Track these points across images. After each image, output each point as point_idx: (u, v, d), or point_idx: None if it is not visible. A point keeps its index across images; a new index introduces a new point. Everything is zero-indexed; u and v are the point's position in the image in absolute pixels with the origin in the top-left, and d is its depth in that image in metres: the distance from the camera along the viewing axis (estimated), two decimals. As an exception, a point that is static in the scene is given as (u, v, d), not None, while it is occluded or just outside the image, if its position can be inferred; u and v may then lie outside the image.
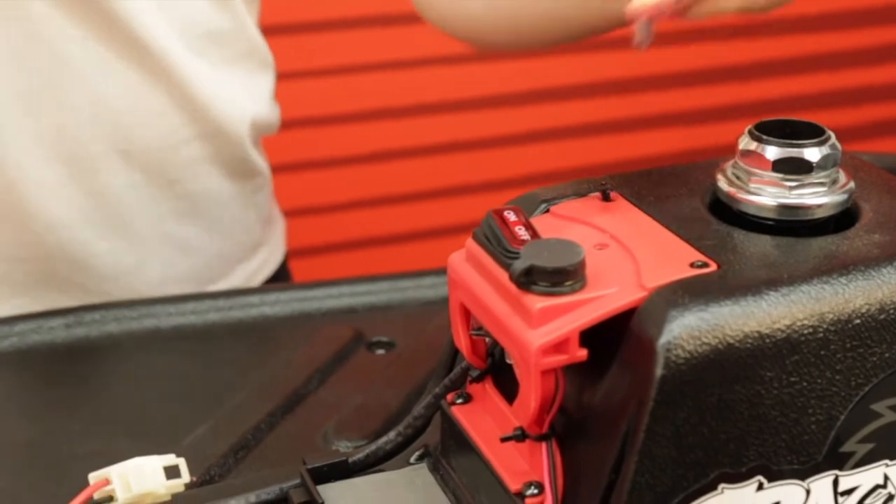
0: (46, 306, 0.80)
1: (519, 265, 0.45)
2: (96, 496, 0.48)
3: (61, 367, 0.74)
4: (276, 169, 0.97)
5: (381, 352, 0.76)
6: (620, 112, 1.79)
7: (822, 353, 0.45)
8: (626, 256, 0.48)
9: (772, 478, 0.46)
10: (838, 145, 0.50)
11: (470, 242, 0.50)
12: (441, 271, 0.83)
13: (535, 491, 0.48)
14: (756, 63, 1.82)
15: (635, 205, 0.52)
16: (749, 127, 0.51)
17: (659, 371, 0.43)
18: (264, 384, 0.72)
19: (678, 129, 1.80)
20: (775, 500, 0.46)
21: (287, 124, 0.94)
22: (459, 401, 0.54)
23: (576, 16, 0.77)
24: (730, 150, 0.53)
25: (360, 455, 0.57)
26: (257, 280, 0.93)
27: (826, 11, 1.83)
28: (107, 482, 0.48)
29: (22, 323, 0.77)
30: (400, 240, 1.75)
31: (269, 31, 0.90)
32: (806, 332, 0.45)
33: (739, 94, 1.81)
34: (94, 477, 0.49)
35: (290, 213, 1.04)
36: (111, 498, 0.48)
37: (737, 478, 0.45)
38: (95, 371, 0.75)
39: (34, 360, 0.75)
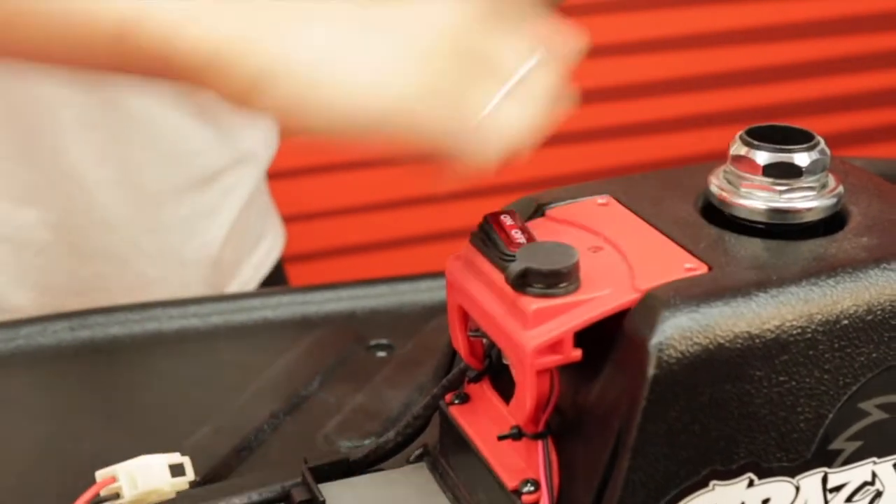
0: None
1: (514, 268, 0.46)
2: (103, 493, 0.49)
3: (66, 369, 0.75)
4: (275, 175, 0.99)
5: (381, 354, 0.77)
6: (615, 119, 1.80)
7: (811, 352, 0.46)
8: (620, 259, 0.49)
9: (762, 475, 0.47)
10: (827, 150, 0.51)
11: (467, 246, 0.51)
12: (438, 275, 0.84)
13: (532, 488, 0.49)
14: (748, 70, 1.83)
15: (629, 209, 0.53)
16: (740, 132, 0.52)
17: (651, 371, 0.45)
18: (266, 386, 0.73)
19: (671, 134, 1.82)
20: (765, 496, 0.47)
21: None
22: (457, 401, 0.55)
23: None
24: (722, 156, 0.54)
25: (360, 454, 0.58)
26: (262, 272, 0.99)
27: (817, 18, 1.84)
28: (113, 480, 0.49)
29: (27, 326, 0.78)
30: (396, 244, 1.76)
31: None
32: (795, 332, 0.46)
33: (731, 101, 1.83)
34: (100, 475, 0.50)
35: (288, 219, 1.05)
36: (118, 495, 0.49)
37: (728, 475, 0.46)
38: (99, 373, 0.76)
39: (39, 362, 0.76)
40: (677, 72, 1.80)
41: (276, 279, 1.00)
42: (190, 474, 0.51)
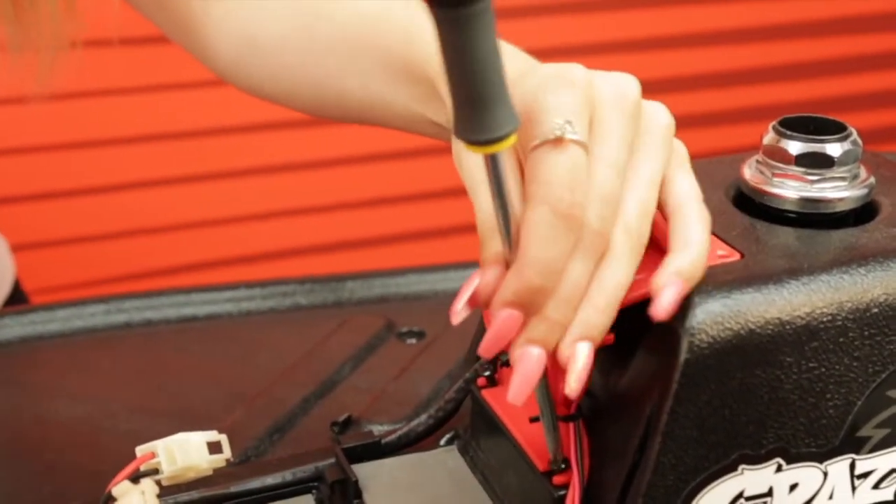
0: None
1: (550, 252, 0.47)
2: (143, 468, 0.50)
3: (102, 351, 0.77)
4: (305, 165, 0.99)
5: (411, 341, 0.78)
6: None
7: (841, 340, 0.47)
8: (653, 245, 0.50)
9: (790, 460, 0.47)
10: (859, 141, 0.52)
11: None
12: (467, 264, 0.85)
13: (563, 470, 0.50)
14: (782, 65, 1.83)
15: (662, 197, 0.54)
16: (773, 123, 0.53)
17: (683, 355, 0.45)
18: (298, 370, 0.74)
19: (701, 130, 1.82)
20: (793, 481, 0.48)
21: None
22: (490, 384, 0.56)
23: (384, 121, 0.68)
24: (753, 151, 0.54)
25: (392, 437, 0.59)
26: None
27: (851, 14, 1.84)
28: (152, 455, 0.50)
29: (64, 309, 0.79)
30: (425, 235, 1.77)
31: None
32: (825, 319, 0.46)
33: (765, 96, 1.83)
34: (140, 450, 0.50)
35: (318, 210, 1.06)
36: (157, 470, 0.50)
37: (756, 459, 0.47)
38: (134, 355, 0.77)
39: (76, 344, 0.77)
40: (708, 67, 1.80)
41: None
42: (227, 452, 0.52)
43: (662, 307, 0.45)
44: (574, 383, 0.44)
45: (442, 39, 0.38)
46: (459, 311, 0.46)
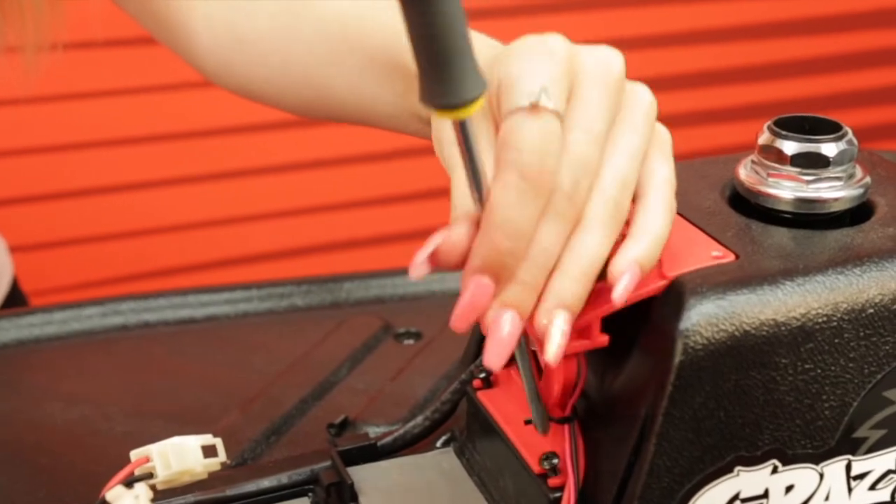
0: None
1: (543, 254, 0.47)
2: (137, 472, 0.50)
3: (98, 354, 0.77)
4: (301, 166, 0.99)
5: (408, 342, 0.78)
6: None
7: (836, 341, 0.47)
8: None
9: (786, 461, 0.47)
10: (855, 141, 0.52)
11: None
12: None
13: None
14: (777, 63, 1.83)
15: (657, 198, 0.53)
16: (768, 123, 0.52)
17: (677, 357, 0.45)
18: (295, 372, 0.74)
19: (697, 128, 1.81)
20: (789, 482, 0.47)
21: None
22: (485, 386, 0.56)
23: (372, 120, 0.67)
24: (748, 150, 0.54)
25: (388, 439, 0.59)
26: None
27: (847, 12, 1.84)
28: (147, 459, 0.50)
29: (61, 311, 0.79)
30: (422, 236, 1.77)
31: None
32: (820, 320, 0.46)
33: (760, 94, 1.82)
34: (135, 454, 0.50)
35: (314, 210, 1.05)
36: (151, 475, 0.50)
37: (752, 461, 0.47)
38: (131, 357, 0.77)
39: (73, 347, 0.77)
40: (703, 65, 1.79)
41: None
42: (222, 455, 0.52)
43: (619, 294, 0.44)
44: (552, 351, 0.44)
45: (405, 4, 0.38)
46: (419, 265, 0.44)
